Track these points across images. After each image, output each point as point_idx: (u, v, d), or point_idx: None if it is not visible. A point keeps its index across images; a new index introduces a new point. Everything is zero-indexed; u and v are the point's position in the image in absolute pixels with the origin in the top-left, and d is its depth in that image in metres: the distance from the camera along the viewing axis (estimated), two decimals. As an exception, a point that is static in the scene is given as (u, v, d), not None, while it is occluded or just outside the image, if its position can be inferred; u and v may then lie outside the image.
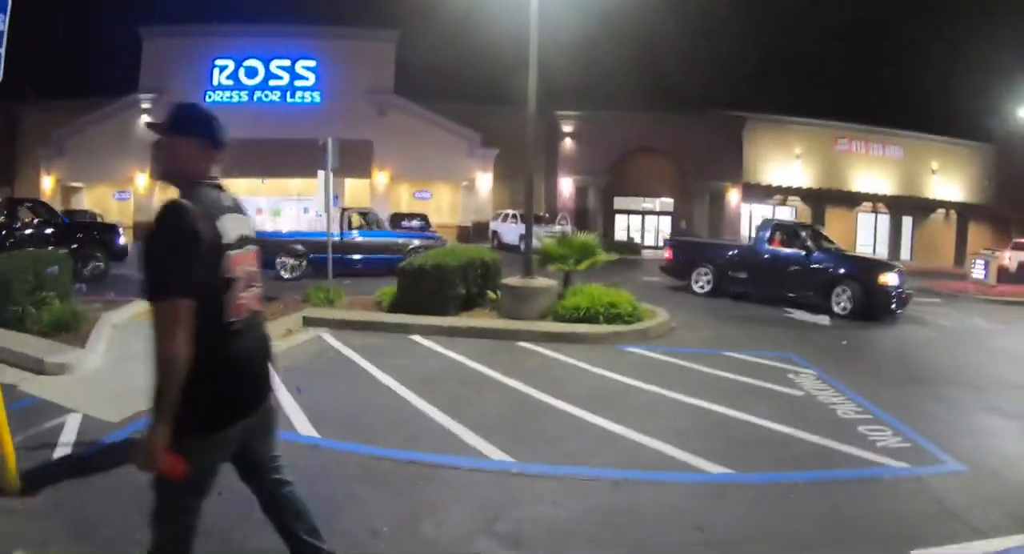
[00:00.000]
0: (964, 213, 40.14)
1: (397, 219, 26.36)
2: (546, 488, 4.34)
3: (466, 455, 4.76)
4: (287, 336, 8.37)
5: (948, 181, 40.48)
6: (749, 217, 35.93)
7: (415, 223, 26.71)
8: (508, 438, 5.08)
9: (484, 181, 33.36)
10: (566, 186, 35.17)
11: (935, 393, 7.45)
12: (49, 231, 13.76)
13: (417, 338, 8.52)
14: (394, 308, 9.58)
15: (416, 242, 16.39)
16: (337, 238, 13.08)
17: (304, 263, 14.90)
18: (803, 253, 13.69)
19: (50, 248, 11.13)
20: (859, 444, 5.37)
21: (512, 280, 9.78)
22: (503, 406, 5.98)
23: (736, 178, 35.18)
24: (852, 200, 37.72)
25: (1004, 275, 21.76)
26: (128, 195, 32.65)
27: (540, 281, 9.81)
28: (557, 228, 26.84)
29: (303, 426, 5.19)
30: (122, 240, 14.80)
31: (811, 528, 4.00)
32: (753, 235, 17.33)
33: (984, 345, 11.05)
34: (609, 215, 36.09)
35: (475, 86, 34.33)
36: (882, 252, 38.06)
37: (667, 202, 36.33)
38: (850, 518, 4.18)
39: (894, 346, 10.66)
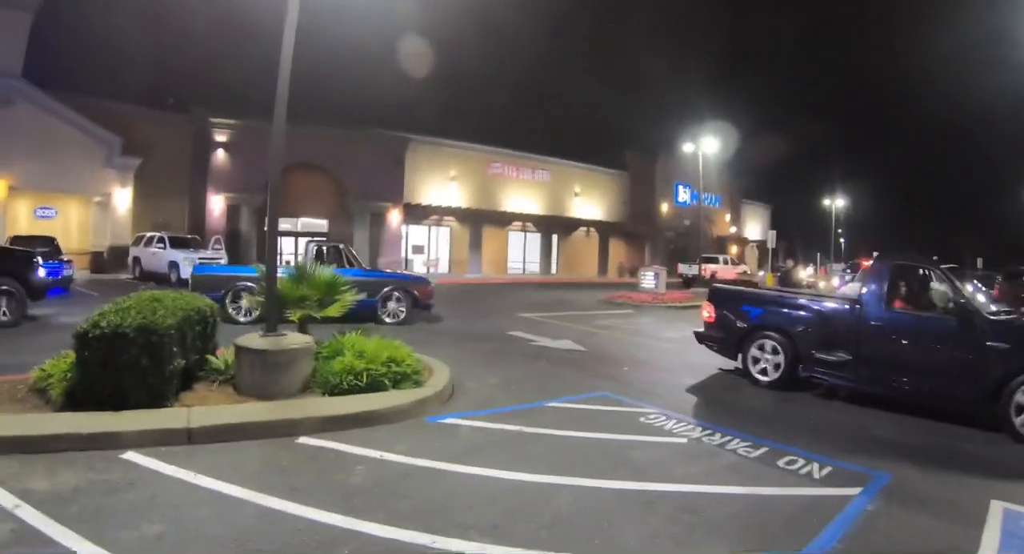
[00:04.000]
0: (603, 231, 45.16)
1: (19, 244, 19.31)
2: None
3: None
4: None
5: (589, 203, 45.66)
6: (406, 238, 35.40)
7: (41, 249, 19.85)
8: None
9: (123, 197, 26.92)
10: (217, 204, 30.05)
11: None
12: None
13: (134, 457, 4.79)
14: (73, 400, 5.51)
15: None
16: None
17: None
18: (955, 321, 7.57)
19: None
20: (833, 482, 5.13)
21: (253, 340, 6.58)
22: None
23: (397, 199, 34.18)
24: (504, 220, 39.56)
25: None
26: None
27: (295, 338, 6.79)
28: (209, 253, 23.06)
29: None
30: (40, 272, 11.60)
31: None
32: (850, 282, 14.13)
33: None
34: (262, 237, 32.12)
35: (118, 81, 28.22)
36: (532, 268, 40.74)
37: (322, 223, 33.45)
38: None
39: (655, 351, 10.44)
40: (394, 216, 34.16)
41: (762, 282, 26.49)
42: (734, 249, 53.76)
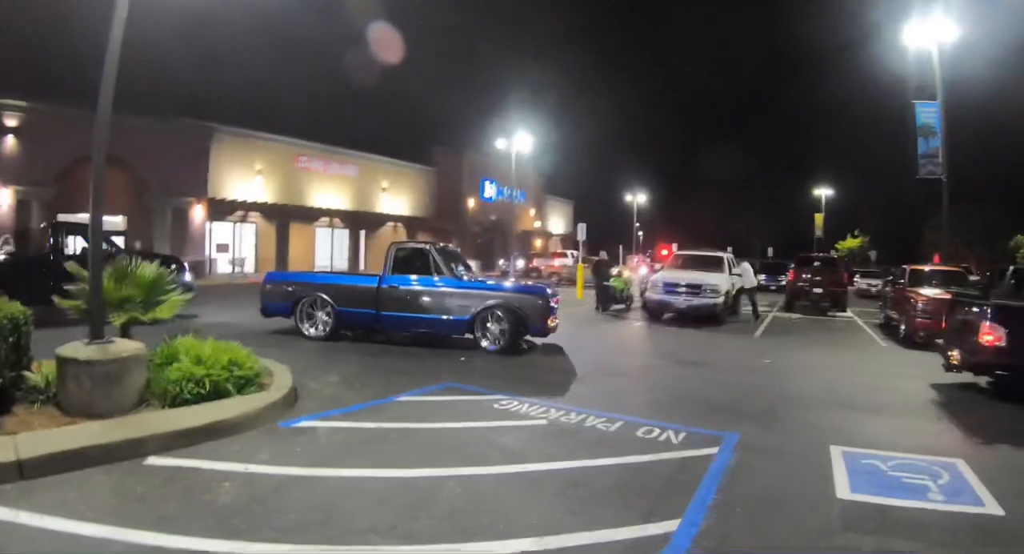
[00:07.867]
0: (410, 225, 45.03)
1: None
2: None
3: None
4: None
5: (397, 198, 45.54)
6: (210, 235, 33.11)
7: None
8: None
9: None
10: (3, 198, 25.44)
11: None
12: None
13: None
14: None
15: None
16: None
17: None
18: None
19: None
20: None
21: (76, 349, 5.75)
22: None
23: (201, 193, 31.66)
24: (311, 215, 38.19)
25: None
26: None
27: (124, 345, 6.04)
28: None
29: None
30: (188, 276, 13.30)
31: None
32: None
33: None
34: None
35: None
36: (341, 265, 39.71)
37: (118, 220, 29.91)
38: None
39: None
40: (198, 212, 31.56)
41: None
42: (538, 243, 55.84)
